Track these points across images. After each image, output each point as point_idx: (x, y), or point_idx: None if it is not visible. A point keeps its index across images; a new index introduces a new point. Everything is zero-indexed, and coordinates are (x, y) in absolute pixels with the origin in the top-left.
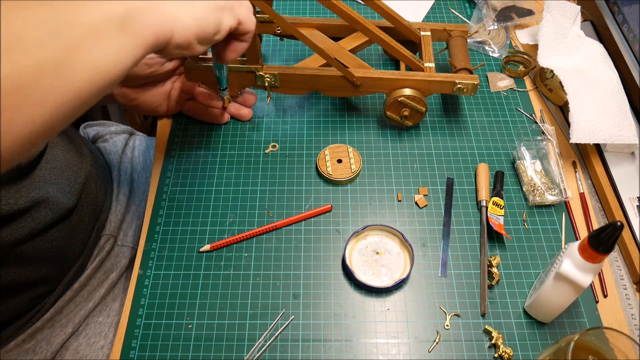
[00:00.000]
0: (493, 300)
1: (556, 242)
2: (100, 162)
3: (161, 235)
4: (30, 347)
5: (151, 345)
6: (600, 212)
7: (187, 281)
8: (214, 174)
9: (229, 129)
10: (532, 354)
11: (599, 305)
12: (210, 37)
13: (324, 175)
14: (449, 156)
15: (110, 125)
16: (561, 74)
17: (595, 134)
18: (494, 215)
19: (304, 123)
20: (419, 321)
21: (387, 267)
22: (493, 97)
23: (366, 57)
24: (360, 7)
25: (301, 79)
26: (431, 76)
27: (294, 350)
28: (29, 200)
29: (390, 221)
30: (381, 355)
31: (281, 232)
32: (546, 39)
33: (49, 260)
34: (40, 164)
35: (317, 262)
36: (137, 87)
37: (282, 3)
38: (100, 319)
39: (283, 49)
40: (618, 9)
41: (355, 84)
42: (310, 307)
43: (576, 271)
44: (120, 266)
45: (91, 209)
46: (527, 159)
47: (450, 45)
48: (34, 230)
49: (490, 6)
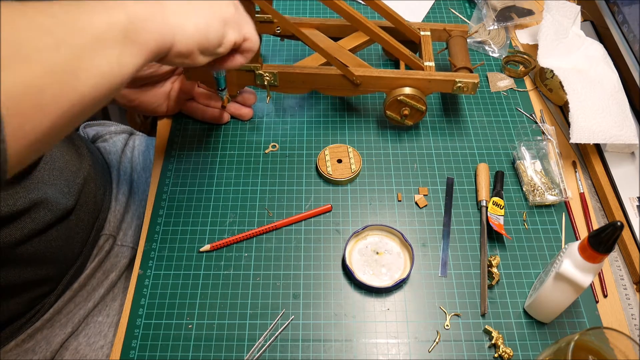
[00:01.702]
0: (493, 300)
1: (556, 242)
2: (99, 162)
3: (161, 235)
4: (29, 347)
5: (151, 345)
6: (600, 212)
7: (187, 281)
8: (214, 174)
9: (228, 129)
10: (532, 354)
11: (599, 305)
12: (213, 49)
13: (324, 175)
14: (449, 156)
15: (110, 125)
16: (561, 74)
17: (595, 134)
18: (494, 215)
19: (304, 123)
20: (419, 321)
21: (387, 267)
22: (493, 97)
23: (366, 57)
24: (360, 7)
25: (301, 78)
26: (431, 75)
27: (294, 350)
28: (28, 201)
29: (390, 221)
30: (381, 355)
31: (281, 232)
32: (546, 39)
33: (48, 260)
34: (39, 165)
35: (317, 262)
36: (137, 87)
37: (282, 3)
38: (100, 318)
39: (283, 50)
40: (618, 9)
41: (355, 82)
42: (310, 307)
43: (576, 271)
44: (120, 266)
45: (90, 209)
46: (527, 159)
47: (450, 45)
48: (33, 231)
49: (490, 6)
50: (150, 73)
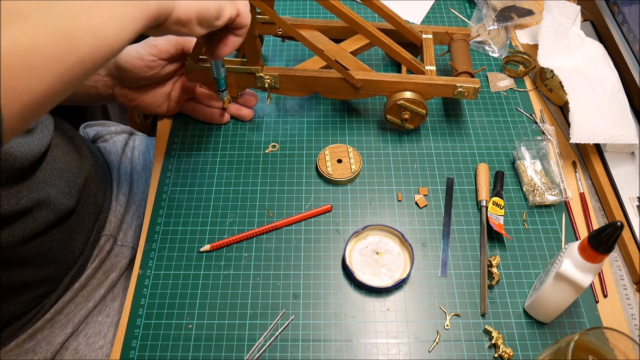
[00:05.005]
0: (493, 300)
1: (556, 242)
2: (100, 162)
3: (161, 235)
4: (30, 347)
5: (151, 345)
6: (600, 212)
7: (187, 281)
8: (214, 174)
9: (229, 129)
10: (532, 354)
11: (599, 305)
12: (211, 20)
13: (324, 175)
14: (449, 156)
15: (110, 125)
16: (561, 74)
17: (595, 134)
18: (494, 215)
19: (304, 123)
20: (419, 321)
21: (387, 267)
22: (493, 97)
23: (367, 59)
24: (360, 8)
25: (301, 81)
26: (432, 79)
27: (294, 350)
28: (30, 200)
29: (390, 221)
30: (381, 355)
31: (281, 232)
32: (546, 39)
33: (49, 260)
34: (42, 165)
35: (317, 262)
36: (138, 87)
37: (282, 3)
38: (100, 318)
39: (284, 50)
40: (618, 9)
41: (356, 86)
42: (310, 307)
43: (576, 271)
44: (120, 266)
45: (91, 209)
46: (527, 159)
47: (452, 49)
48: (35, 231)
49: (490, 6)
50: (152, 75)
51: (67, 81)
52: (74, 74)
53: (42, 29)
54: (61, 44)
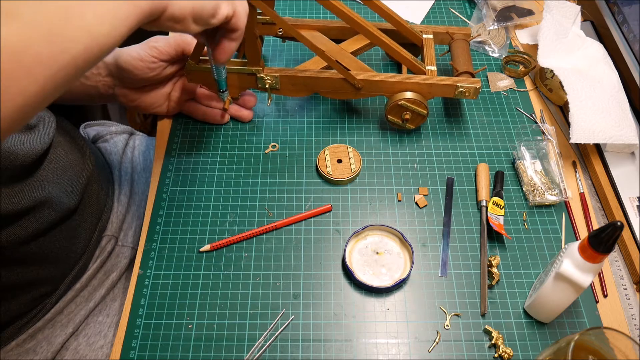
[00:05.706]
0: (493, 300)
1: (556, 242)
2: (101, 162)
3: (161, 235)
4: (30, 347)
5: (151, 345)
6: (600, 212)
7: (187, 281)
8: (214, 174)
9: (229, 129)
10: (532, 354)
11: (599, 305)
12: (206, 18)
13: (324, 175)
14: (449, 156)
15: (111, 125)
16: (561, 74)
17: (595, 134)
18: (494, 215)
19: (304, 123)
20: (419, 321)
21: (387, 267)
22: (493, 97)
23: (367, 59)
24: (360, 8)
25: (302, 81)
26: (433, 79)
27: (294, 350)
28: (33, 199)
29: (390, 221)
30: (381, 355)
31: (281, 232)
32: (546, 39)
33: (51, 260)
34: (44, 163)
35: (317, 262)
36: (138, 88)
37: (282, 4)
38: (100, 318)
39: (284, 51)
40: (618, 9)
41: (357, 86)
42: (310, 307)
43: (576, 271)
44: (120, 266)
45: (93, 209)
46: (527, 159)
47: (453, 48)
48: (37, 230)
49: (490, 6)
50: (153, 76)
51: (60, 80)
52: (67, 72)
53: (35, 28)
54: (54, 44)
